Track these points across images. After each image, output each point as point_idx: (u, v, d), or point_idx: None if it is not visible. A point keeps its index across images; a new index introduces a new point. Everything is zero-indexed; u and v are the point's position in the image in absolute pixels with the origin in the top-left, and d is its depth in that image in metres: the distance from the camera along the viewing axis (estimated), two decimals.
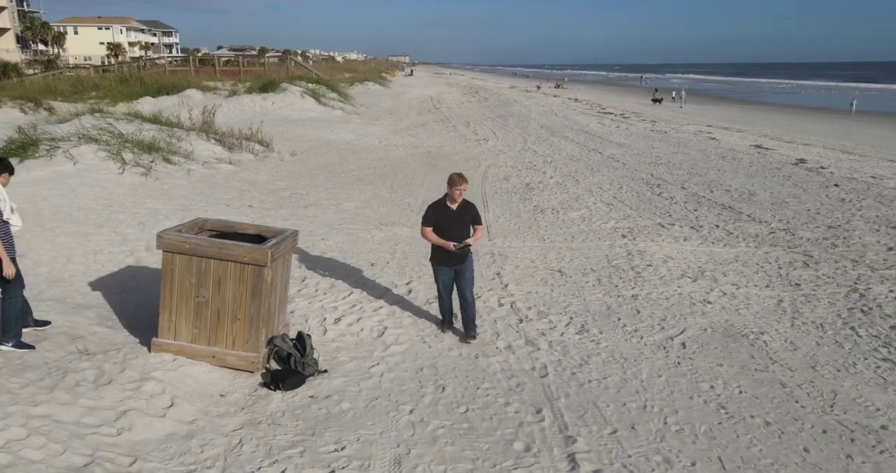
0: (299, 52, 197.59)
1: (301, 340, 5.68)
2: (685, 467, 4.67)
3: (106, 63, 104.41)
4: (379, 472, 4.37)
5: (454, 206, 6.63)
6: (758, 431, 5.19)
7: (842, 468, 4.76)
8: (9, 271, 5.25)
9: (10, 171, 5.54)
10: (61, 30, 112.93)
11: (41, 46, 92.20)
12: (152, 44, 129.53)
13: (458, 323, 7.02)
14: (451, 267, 6.73)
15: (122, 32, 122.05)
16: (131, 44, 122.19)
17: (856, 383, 6.10)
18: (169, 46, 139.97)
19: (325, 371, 5.73)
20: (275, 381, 5.37)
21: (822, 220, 12.65)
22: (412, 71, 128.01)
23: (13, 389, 4.56)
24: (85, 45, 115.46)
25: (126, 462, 4.12)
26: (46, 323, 5.91)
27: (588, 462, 4.66)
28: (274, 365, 5.65)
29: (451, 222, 6.60)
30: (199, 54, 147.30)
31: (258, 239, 5.81)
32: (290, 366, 5.52)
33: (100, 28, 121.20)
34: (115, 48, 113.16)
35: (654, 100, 53.35)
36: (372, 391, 5.52)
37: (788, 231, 11.78)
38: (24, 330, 5.56)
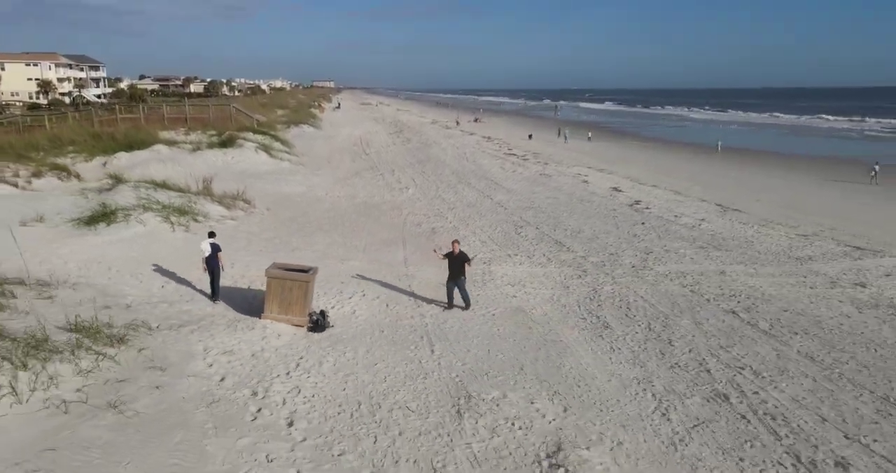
0: (225, 81, 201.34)
1: (323, 313, 13.29)
2: (476, 353, 12.48)
3: (35, 99, 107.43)
4: (361, 354, 12.04)
5: (454, 253, 14.68)
6: (508, 343, 13.08)
7: (534, 350, 12.67)
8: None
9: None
10: None
11: None
12: (81, 79, 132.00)
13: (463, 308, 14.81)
14: (452, 281, 14.74)
15: (50, 68, 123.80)
16: (60, 79, 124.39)
17: (564, 327, 14.09)
18: (96, 80, 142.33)
19: (333, 325, 13.34)
20: (313, 329, 12.95)
21: (610, 250, 20.81)
22: (339, 103, 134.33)
23: (220, 331, 12.06)
24: (13, 81, 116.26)
25: (274, 348, 11.72)
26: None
27: (439, 350, 12.47)
28: (310, 324, 13.18)
29: (451, 262, 14.74)
30: (124, 84, 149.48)
31: (301, 269, 13.36)
32: (318, 324, 13.08)
33: (27, 64, 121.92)
34: (45, 85, 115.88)
35: (529, 136, 65.94)
36: (354, 332, 13.21)
37: (584, 257, 19.90)
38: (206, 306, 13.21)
